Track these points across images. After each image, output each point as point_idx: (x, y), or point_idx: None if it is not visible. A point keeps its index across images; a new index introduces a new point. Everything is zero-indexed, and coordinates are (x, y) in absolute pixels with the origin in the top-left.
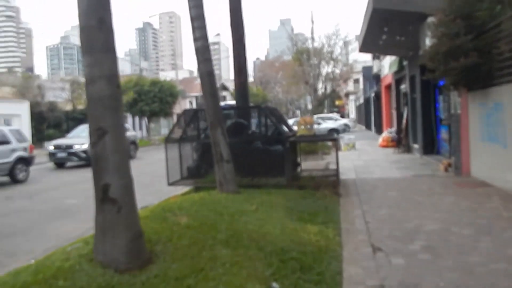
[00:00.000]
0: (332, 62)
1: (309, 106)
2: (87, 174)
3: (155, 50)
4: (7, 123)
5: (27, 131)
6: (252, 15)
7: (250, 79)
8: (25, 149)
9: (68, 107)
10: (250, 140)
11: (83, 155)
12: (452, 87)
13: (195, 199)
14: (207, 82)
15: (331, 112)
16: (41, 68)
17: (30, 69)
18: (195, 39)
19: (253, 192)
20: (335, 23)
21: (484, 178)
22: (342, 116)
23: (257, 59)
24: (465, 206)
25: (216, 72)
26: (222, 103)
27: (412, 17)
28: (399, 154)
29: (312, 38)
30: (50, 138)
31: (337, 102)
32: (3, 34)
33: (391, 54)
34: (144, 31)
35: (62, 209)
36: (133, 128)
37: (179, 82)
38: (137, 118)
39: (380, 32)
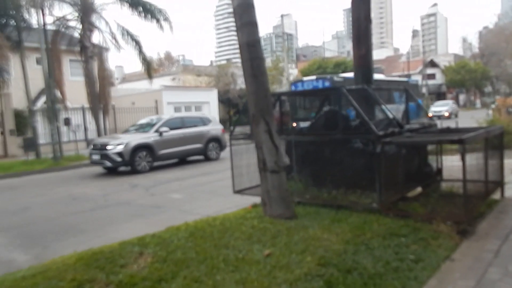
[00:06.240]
0: None
1: None
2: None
3: None
4: (198, 109)
5: (215, 117)
6: None
7: (474, 51)
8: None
9: None
10: (343, 138)
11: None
12: None
13: (203, 226)
14: (247, 57)
15: None
16: None
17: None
18: None
19: (315, 218)
20: None
21: None
22: None
23: (484, 28)
24: None
25: (432, 47)
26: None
27: None
28: None
29: None
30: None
31: None
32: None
33: None
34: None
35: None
36: None
37: (381, 61)
38: None
39: None
